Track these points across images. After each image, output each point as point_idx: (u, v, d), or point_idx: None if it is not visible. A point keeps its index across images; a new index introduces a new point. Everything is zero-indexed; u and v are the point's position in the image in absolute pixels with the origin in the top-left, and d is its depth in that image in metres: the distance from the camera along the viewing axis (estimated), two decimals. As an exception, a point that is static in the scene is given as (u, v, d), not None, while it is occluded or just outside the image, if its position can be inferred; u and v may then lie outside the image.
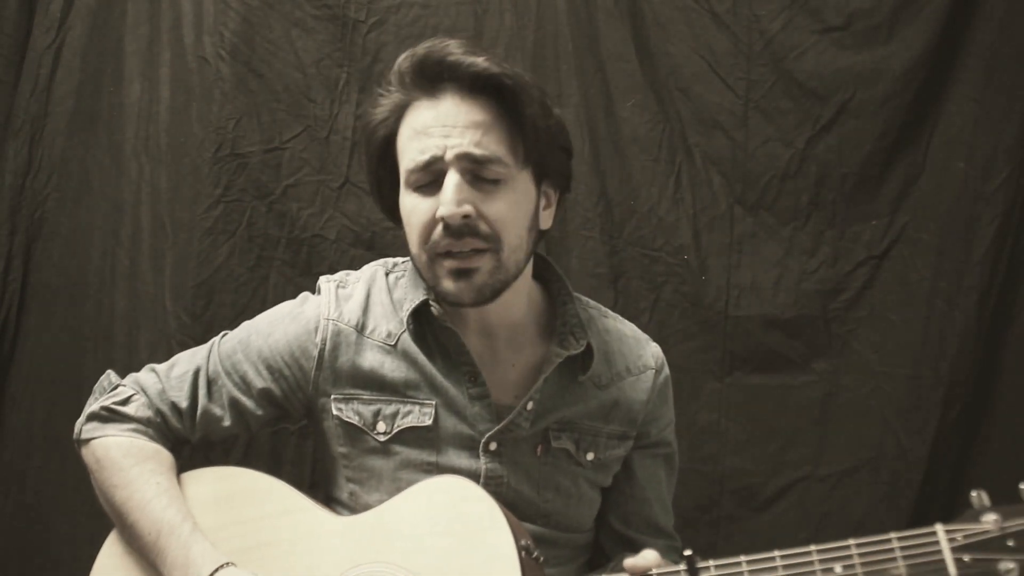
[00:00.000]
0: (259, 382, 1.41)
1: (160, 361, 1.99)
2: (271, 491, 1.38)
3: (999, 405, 2.11)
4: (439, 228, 1.28)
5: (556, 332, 1.41)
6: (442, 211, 1.27)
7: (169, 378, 1.44)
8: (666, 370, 1.52)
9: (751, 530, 2.13)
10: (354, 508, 1.39)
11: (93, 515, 2.11)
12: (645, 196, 2.17)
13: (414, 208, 1.31)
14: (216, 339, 1.47)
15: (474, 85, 1.29)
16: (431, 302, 1.36)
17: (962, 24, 2.11)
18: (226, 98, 2.17)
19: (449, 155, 1.27)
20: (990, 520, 1.07)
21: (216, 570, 1.26)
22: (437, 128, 1.28)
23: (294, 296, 1.54)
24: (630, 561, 1.19)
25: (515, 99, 1.29)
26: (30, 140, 2.20)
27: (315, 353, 1.39)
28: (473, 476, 1.32)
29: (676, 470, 1.57)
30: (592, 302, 1.52)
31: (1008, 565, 1.04)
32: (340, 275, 1.48)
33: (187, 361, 1.46)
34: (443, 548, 1.24)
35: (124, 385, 1.46)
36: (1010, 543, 1.05)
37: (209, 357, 1.44)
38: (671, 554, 1.47)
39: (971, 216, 2.10)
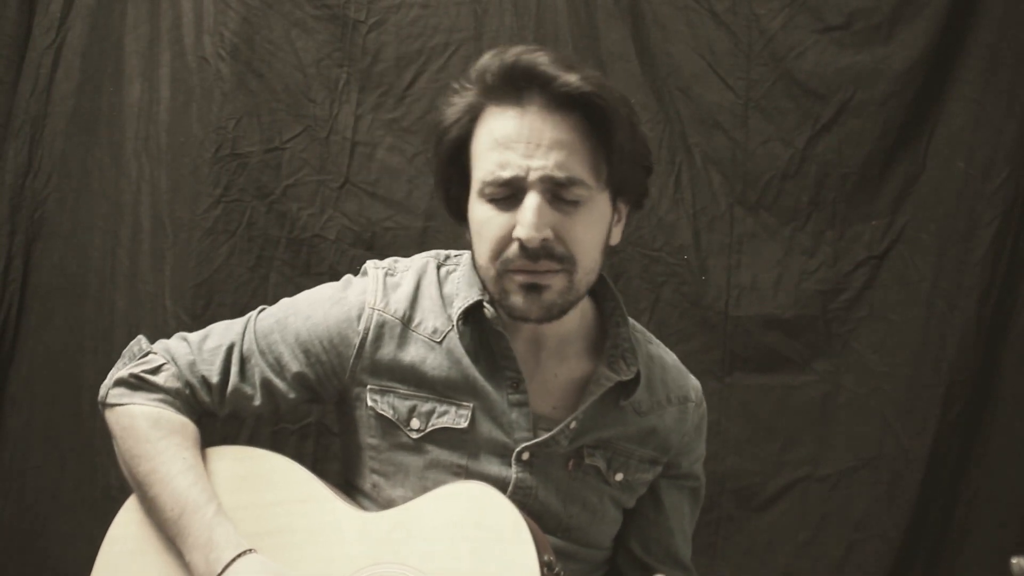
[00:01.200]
0: (294, 365, 1.36)
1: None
2: (293, 476, 1.34)
3: (999, 405, 2.11)
4: (514, 246, 1.24)
5: (605, 353, 1.38)
6: (521, 233, 1.22)
7: (202, 350, 1.39)
8: (704, 405, 1.50)
9: (751, 530, 2.13)
10: (375, 499, 1.36)
11: (93, 515, 2.12)
12: (645, 196, 2.17)
13: (487, 221, 1.26)
14: (253, 314, 1.42)
15: (563, 101, 1.23)
16: (485, 304, 1.32)
17: (962, 24, 2.11)
18: (226, 98, 2.17)
19: (532, 176, 1.22)
20: None
21: (238, 556, 1.24)
22: (520, 144, 1.22)
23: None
24: None
25: (604, 120, 1.24)
26: (30, 140, 2.20)
27: (356, 341, 1.34)
28: (502, 484, 1.30)
29: (700, 505, 1.55)
30: (638, 325, 1.49)
31: None
32: (389, 262, 1.42)
33: (221, 334, 1.40)
34: (463, 556, 1.21)
35: (155, 352, 1.41)
36: None
37: (244, 333, 1.39)
38: None
39: (971, 216, 2.10)
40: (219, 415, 1.42)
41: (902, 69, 2.11)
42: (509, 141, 1.23)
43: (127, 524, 1.36)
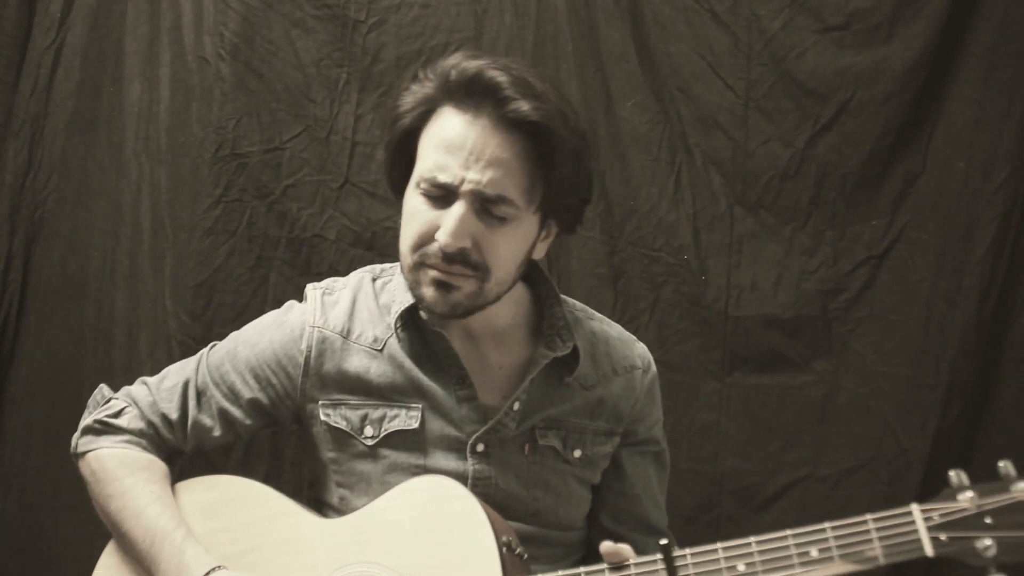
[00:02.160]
0: (247, 392, 1.42)
1: (160, 359, 1.99)
2: (260, 497, 1.40)
3: (999, 405, 2.11)
4: (435, 245, 1.29)
5: (543, 334, 1.42)
6: (441, 238, 1.27)
7: (160, 390, 1.46)
8: (653, 369, 1.52)
9: (751, 530, 2.12)
10: (344, 512, 1.40)
11: (93, 515, 2.12)
12: (645, 196, 2.17)
13: (417, 213, 1.31)
14: (205, 351, 1.49)
15: (512, 123, 1.27)
16: (420, 306, 1.37)
17: (962, 24, 2.11)
18: (226, 98, 2.17)
19: (464, 187, 1.27)
20: (967, 498, 1.07)
21: (208, 573, 1.28)
22: (462, 152, 1.27)
23: (294, 296, 1.54)
24: (608, 546, 1.20)
25: (548, 151, 1.29)
26: (30, 140, 2.20)
27: (301, 360, 1.40)
28: (461, 478, 1.33)
29: (667, 469, 1.57)
30: (579, 304, 1.52)
31: (986, 542, 1.03)
32: (327, 282, 1.49)
33: (177, 373, 1.48)
34: (425, 546, 1.26)
35: (117, 398, 1.48)
36: (987, 520, 1.05)
37: (198, 369, 1.46)
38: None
39: (971, 216, 2.10)
40: (185, 451, 1.47)
41: (902, 69, 2.11)
42: (453, 146, 1.28)
43: (108, 566, 1.42)
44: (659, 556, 1.15)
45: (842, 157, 2.14)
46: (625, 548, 1.20)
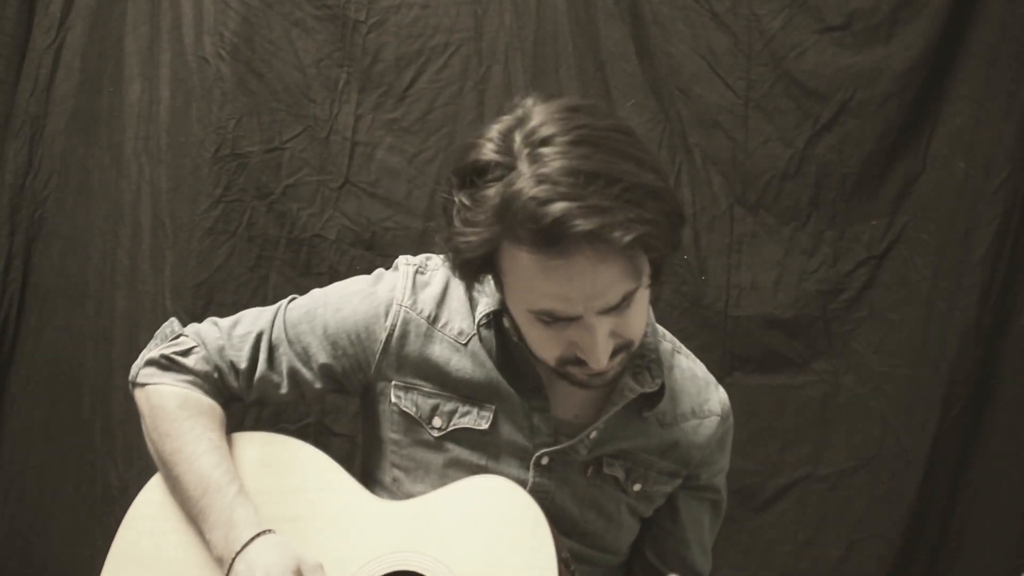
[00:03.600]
0: (321, 356, 1.37)
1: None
2: (316, 464, 1.36)
3: (999, 405, 2.11)
4: (584, 362, 1.20)
5: (631, 363, 1.34)
6: (591, 362, 1.18)
7: (231, 336, 1.40)
8: (731, 420, 1.47)
9: (751, 530, 2.13)
10: (395, 494, 1.37)
11: (93, 515, 2.13)
12: (645, 196, 2.16)
13: (541, 338, 1.22)
14: (284, 303, 1.43)
15: (612, 249, 1.10)
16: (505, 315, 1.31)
17: (962, 24, 2.11)
18: (226, 98, 2.17)
19: (590, 313, 1.15)
20: None
21: (256, 535, 1.24)
22: (571, 299, 1.14)
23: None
24: None
25: (649, 244, 1.14)
26: (30, 140, 2.20)
27: (382, 337, 1.34)
28: (520, 486, 1.29)
29: (720, 517, 1.53)
30: (668, 334, 1.47)
31: None
32: (421, 259, 1.40)
33: (251, 321, 1.42)
34: (482, 547, 1.22)
35: (186, 335, 1.42)
36: None
37: (274, 322, 1.40)
38: None
39: (971, 216, 2.10)
40: (246, 400, 1.43)
41: (902, 69, 2.11)
42: (558, 297, 1.14)
43: (149, 503, 1.38)
44: None
45: (842, 157, 2.14)
46: None
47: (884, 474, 2.11)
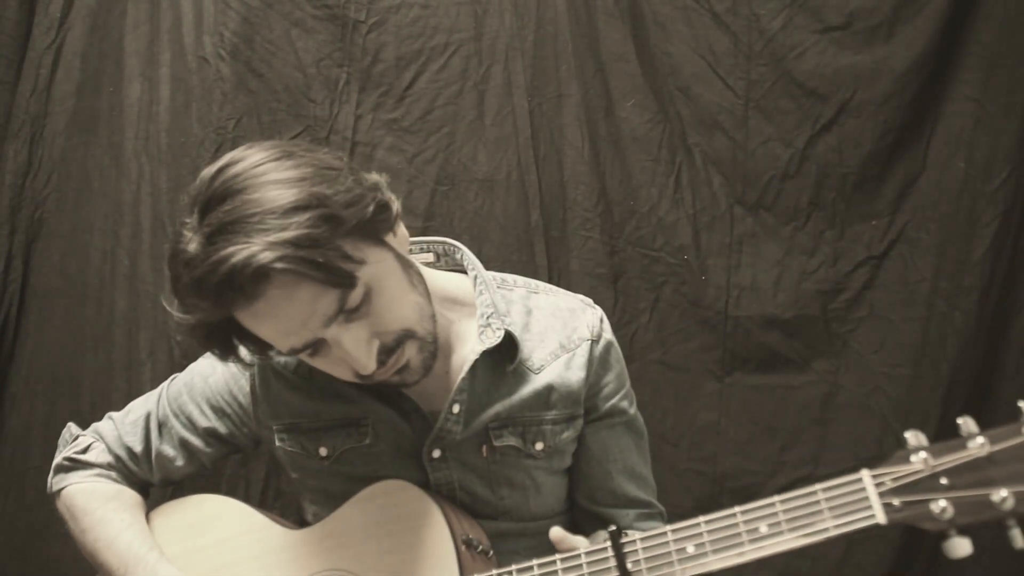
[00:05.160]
0: (203, 421, 1.43)
1: (160, 359, 1.98)
2: (233, 514, 1.43)
3: (999, 405, 2.11)
4: (362, 372, 1.21)
5: (478, 326, 1.34)
6: (361, 370, 1.19)
7: (124, 424, 1.47)
8: (605, 336, 1.41)
9: (751, 530, 2.13)
10: None
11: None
12: (645, 196, 2.17)
13: (324, 366, 1.23)
14: (166, 383, 1.50)
15: (284, 273, 1.10)
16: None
17: (962, 24, 2.11)
18: (226, 98, 2.17)
19: (320, 333, 1.15)
20: (920, 459, 1.00)
21: None
22: (290, 326, 1.15)
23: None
24: (556, 534, 1.18)
25: (313, 249, 1.11)
26: (30, 140, 2.20)
27: (247, 388, 1.41)
28: (423, 486, 1.32)
29: (643, 435, 1.48)
30: (520, 280, 1.44)
31: (941, 504, 0.96)
32: None
33: (140, 406, 1.49)
34: (386, 549, 1.28)
35: (84, 435, 1.50)
36: (943, 481, 0.98)
37: (159, 401, 1.48)
38: (650, 521, 1.44)
39: (971, 216, 2.10)
40: (153, 482, 1.49)
41: (902, 69, 2.11)
42: (281, 332, 1.16)
43: None
44: (608, 543, 1.12)
45: (842, 157, 2.14)
46: (576, 539, 1.18)
47: (884, 474, 2.11)
